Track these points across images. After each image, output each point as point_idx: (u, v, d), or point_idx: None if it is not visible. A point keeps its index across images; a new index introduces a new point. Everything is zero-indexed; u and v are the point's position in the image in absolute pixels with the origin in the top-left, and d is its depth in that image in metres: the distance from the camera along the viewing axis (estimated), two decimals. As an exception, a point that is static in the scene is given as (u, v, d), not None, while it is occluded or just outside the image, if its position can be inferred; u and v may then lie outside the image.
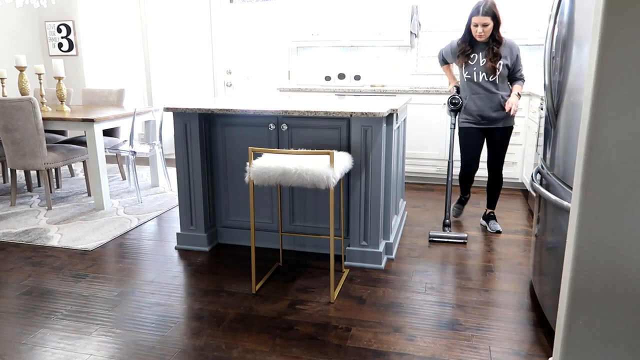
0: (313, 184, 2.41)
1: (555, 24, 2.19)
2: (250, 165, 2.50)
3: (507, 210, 4.10)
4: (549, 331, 2.24)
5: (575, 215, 1.53)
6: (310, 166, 2.41)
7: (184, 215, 3.26)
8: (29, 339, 2.25)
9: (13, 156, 4.08)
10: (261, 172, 2.47)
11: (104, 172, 4.11)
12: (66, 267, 3.03)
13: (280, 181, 2.45)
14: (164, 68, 6.28)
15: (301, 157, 2.53)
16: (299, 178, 2.41)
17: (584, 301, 1.57)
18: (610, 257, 1.51)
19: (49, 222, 3.85)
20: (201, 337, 2.25)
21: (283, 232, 3.21)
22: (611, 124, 1.43)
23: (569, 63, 2.08)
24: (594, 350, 1.59)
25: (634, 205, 1.46)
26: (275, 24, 5.74)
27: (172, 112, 3.11)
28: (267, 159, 2.56)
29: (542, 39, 4.50)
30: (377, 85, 5.28)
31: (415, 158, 4.86)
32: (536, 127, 3.99)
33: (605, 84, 1.41)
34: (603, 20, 1.38)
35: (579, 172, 1.51)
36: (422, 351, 2.14)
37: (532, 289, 2.68)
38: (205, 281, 2.83)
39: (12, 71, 5.68)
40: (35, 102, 3.90)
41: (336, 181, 2.43)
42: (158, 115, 4.61)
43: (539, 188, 2.28)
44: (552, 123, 2.30)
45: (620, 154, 1.44)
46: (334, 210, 2.99)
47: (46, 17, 6.18)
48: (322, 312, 2.47)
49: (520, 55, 3.36)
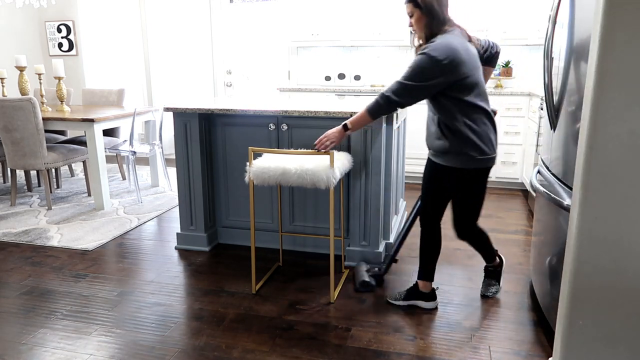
0: (313, 184, 2.40)
1: (555, 25, 2.20)
2: (250, 165, 2.50)
3: (507, 210, 4.10)
4: (549, 331, 2.23)
5: (575, 215, 1.53)
6: (310, 166, 2.41)
7: (184, 215, 3.26)
8: (29, 339, 2.25)
9: (13, 156, 4.08)
10: (261, 172, 2.47)
11: (104, 172, 4.11)
12: (66, 267, 3.03)
13: (280, 181, 2.45)
14: (164, 68, 6.28)
15: (301, 157, 2.52)
16: (299, 178, 2.41)
17: (584, 301, 1.57)
18: (610, 257, 1.51)
19: (49, 222, 3.85)
20: (201, 337, 2.25)
21: (283, 232, 3.21)
22: (611, 124, 1.43)
23: (569, 63, 2.08)
24: (594, 350, 1.59)
25: (634, 205, 1.46)
26: (275, 24, 5.74)
27: (172, 112, 3.11)
28: (267, 159, 2.56)
29: (542, 39, 4.50)
30: (377, 85, 5.29)
31: (415, 158, 4.86)
32: (536, 127, 3.99)
33: (605, 84, 1.41)
34: (603, 21, 1.38)
35: (579, 172, 1.51)
36: (422, 351, 2.14)
37: (532, 289, 2.68)
38: (205, 281, 2.83)
39: (12, 71, 5.68)
40: (35, 102, 3.90)
41: (336, 181, 2.43)
42: (158, 115, 4.61)
43: (539, 188, 2.28)
44: (552, 123, 2.30)
45: (620, 154, 1.44)
46: (334, 210, 2.99)
47: (46, 17, 6.18)
48: (322, 312, 2.47)
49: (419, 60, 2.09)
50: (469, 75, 2.10)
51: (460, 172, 2.21)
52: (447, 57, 2.03)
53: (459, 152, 2.17)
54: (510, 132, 4.58)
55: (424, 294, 2.48)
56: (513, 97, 4.51)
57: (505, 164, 4.65)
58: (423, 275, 2.47)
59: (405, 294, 2.51)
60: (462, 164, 2.19)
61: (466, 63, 2.08)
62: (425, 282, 2.47)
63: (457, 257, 3.15)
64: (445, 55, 2.03)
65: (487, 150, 2.17)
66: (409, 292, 2.51)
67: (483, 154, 2.16)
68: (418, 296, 2.48)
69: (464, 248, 3.28)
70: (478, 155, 2.16)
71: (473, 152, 2.15)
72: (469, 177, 2.23)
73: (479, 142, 2.15)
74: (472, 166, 2.19)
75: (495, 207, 4.18)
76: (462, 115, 2.13)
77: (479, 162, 2.18)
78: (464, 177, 2.23)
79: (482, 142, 2.15)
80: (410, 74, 2.10)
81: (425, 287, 2.48)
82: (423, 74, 2.07)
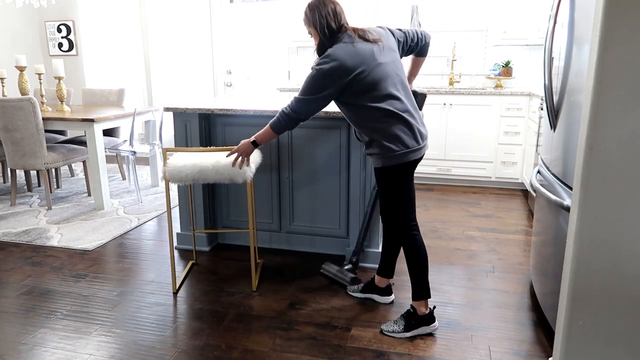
0: (230, 179, 2.48)
1: (555, 24, 2.20)
2: (165, 165, 2.53)
3: (507, 210, 4.10)
4: (549, 331, 2.23)
5: (575, 215, 1.53)
6: (226, 162, 2.48)
7: (184, 215, 3.26)
8: (29, 339, 2.25)
9: (13, 156, 4.08)
10: (177, 171, 2.50)
11: (104, 172, 4.11)
12: (66, 267, 3.03)
13: (197, 179, 2.50)
14: (164, 68, 6.28)
15: (216, 154, 2.59)
16: (216, 174, 2.47)
17: (584, 301, 1.57)
18: (610, 257, 1.51)
19: (49, 222, 3.85)
20: (201, 337, 2.25)
21: (283, 232, 3.21)
22: (611, 124, 1.43)
23: (569, 63, 2.08)
24: (594, 350, 1.59)
25: (633, 205, 1.46)
26: (275, 24, 5.74)
27: (172, 112, 3.11)
28: (182, 157, 2.61)
29: (542, 39, 4.50)
30: (377, 85, 5.28)
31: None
32: (536, 127, 3.99)
33: (605, 84, 1.41)
34: (603, 20, 1.38)
35: (579, 172, 1.51)
36: (422, 351, 2.14)
37: (532, 289, 2.68)
38: (205, 281, 2.83)
39: (12, 71, 5.68)
40: (35, 102, 3.90)
41: (252, 174, 2.51)
42: (158, 115, 4.61)
43: (539, 188, 2.28)
44: (552, 123, 2.30)
45: (620, 154, 1.44)
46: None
47: (46, 17, 6.18)
48: (322, 312, 2.47)
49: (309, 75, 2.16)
50: (362, 77, 2.10)
51: (381, 170, 2.20)
52: (330, 67, 2.09)
53: (372, 153, 2.21)
54: (510, 132, 4.58)
55: (423, 318, 2.27)
56: (513, 97, 4.51)
57: (505, 164, 4.65)
58: (417, 295, 2.28)
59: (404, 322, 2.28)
60: (380, 163, 2.19)
61: (352, 67, 2.08)
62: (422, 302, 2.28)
63: (457, 257, 3.15)
64: (329, 66, 2.09)
65: (395, 147, 2.13)
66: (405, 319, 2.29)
67: (390, 151, 2.13)
68: (420, 322, 2.27)
69: (463, 248, 3.28)
70: (387, 153, 2.14)
71: (382, 151, 2.15)
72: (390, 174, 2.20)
73: (384, 141, 2.13)
74: (389, 163, 2.16)
75: (495, 207, 4.18)
76: (363, 119, 2.17)
77: (394, 159, 2.14)
78: (386, 175, 2.21)
79: (387, 140, 2.13)
80: (303, 88, 2.18)
81: (423, 308, 2.27)
82: (314, 87, 2.14)
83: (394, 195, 2.23)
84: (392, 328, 2.27)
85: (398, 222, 2.27)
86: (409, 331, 2.25)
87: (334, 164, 3.01)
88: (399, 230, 2.28)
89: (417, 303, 2.28)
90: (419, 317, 2.27)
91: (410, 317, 2.27)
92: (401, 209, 2.24)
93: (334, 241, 3.14)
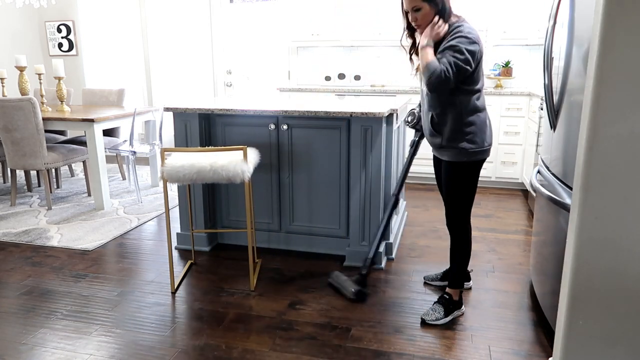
0: (228, 179, 2.48)
1: (555, 24, 2.19)
2: (163, 165, 2.53)
3: (507, 210, 4.10)
4: (549, 331, 2.23)
5: (575, 215, 1.53)
6: (224, 162, 2.48)
7: (184, 215, 3.26)
8: (29, 339, 2.25)
9: (13, 156, 4.08)
10: (175, 172, 2.51)
11: (104, 172, 4.11)
12: (66, 267, 3.03)
13: (195, 179, 2.50)
14: (164, 68, 6.27)
15: (214, 154, 2.59)
16: (214, 174, 2.48)
17: (584, 301, 1.57)
18: (611, 257, 1.51)
19: (49, 222, 3.85)
20: (201, 337, 2.25)
21: (283, 232, 3.21)
22: (611, 124, 1.43)
23: (569, 63, 2.08)
24: (594, 350, 1.59)
25: (634, 205, 1.46)
26: (275, 24, 5.74)
27: (172, 112, 3.11)
28: (179, 157, 2.61)
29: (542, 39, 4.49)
30: (377, 85, 5.28)
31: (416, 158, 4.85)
32: (536, 127, 3.99)
33: (605, 84, 1.41)
34: (603, 20, 1.38)
35: (579, 172, 1.51)
36: (422, 351, 2.14)
37: (532, 289, 2.68)
38: (205, 281, 2.83)
39: (12, 71, 5.67)
40: (35, 102, 3.90)
41: (250, 174, 2.51)
42: (158, 115, 4.61)
43: (539, 188, 2.28)
44: (552, 123, 2.30)
45: (620, 154, 1.44)
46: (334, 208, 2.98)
47: (46, 17, 6.18)
48: (322, 312, 2.47)
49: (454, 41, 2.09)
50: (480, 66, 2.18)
51: (457, 165, 2.27)
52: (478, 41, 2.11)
53: (453, 146, 2.23)
54: (510, 132, 4.58)
55: (459, 303, 2.44)
56: (513, 97, 4.51)
57: (505, 164, 4.65)
58: (454, 284, 2.43)
59: (443, 309, 2.39)
60: (457, 158, 2.25)
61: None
62: (457, 290, 2.44)
63: (457, 257, 3.14)
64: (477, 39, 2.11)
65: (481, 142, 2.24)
66: (444, 305, 2.40)
67: (478, 146, 2.23)
68: (455, 306, 2.42)
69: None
70: (474, 147, 2.22)
71: (468, 145, 2.21)
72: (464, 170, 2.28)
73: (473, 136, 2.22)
74: (467, 159, 2.25)
75: (495, 207, 4.18)
76: (462, 109, 2.19)
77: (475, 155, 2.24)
78: (460, 170, 2.28)
79: (477, 135, 2.22)
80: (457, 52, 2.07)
81: (457, 295, 2.44)
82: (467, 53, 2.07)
83: (469, 189, 2.32)
84: (434, 316, 2.37)
85: (464, 213, 2.37)
86: (448, 316, 2.39)
87: (334, 164, 3.01)
88: (461, 221, 2.38)
89: (454, 291, 2.43)
90: (455, 302, 2.43)
91: (448, 303, 2.42)
92: (469, 202, 2.36)
93: (334, 241, 3.14)
